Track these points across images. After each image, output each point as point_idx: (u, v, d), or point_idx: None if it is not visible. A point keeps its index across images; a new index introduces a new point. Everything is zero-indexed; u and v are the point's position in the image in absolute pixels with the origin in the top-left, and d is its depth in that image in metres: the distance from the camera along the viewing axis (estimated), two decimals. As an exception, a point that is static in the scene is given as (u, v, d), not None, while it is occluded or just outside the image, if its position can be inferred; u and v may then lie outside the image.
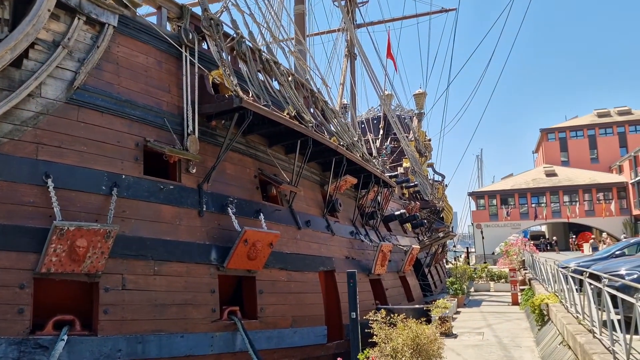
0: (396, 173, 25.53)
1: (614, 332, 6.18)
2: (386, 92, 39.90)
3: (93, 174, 8.26)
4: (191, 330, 9.35)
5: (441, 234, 21.39)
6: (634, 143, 57.94)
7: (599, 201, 56.42)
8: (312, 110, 15.09)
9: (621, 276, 7.75)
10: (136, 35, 9.47)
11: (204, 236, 9.96)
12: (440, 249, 28.63)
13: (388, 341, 6.59)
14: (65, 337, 7.42)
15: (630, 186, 54.05)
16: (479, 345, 12.17)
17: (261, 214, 11.30)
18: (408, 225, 25.20)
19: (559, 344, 9.97)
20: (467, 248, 54.21)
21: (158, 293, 8.97)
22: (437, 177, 47.40)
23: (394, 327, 7.16)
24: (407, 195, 27.62)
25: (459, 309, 19.17)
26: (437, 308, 15.65)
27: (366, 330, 8.91)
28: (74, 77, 8.19)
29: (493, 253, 52.19)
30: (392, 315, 8.83)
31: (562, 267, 11.65)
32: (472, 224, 61.93)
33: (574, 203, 57.54)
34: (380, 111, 45.55)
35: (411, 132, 41.16)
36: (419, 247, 19.60)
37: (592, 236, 38.87)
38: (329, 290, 13.60)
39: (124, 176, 8.82)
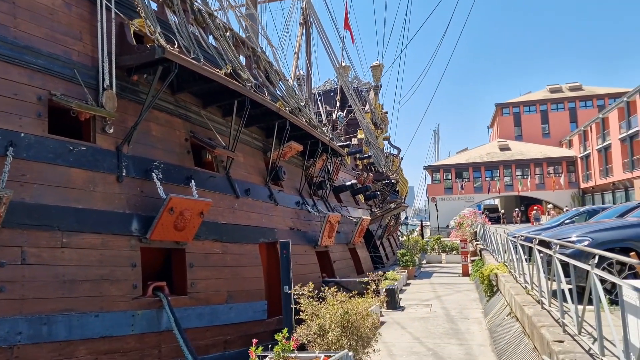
0: (348, 143, 24.73)
1: (564, 303, 5.59)
2: (343, 64, 38.95)
3: (-19, 131, 7.06)
4: (108, 309, 8.33)
5: (393, 205, 20.89)
6: (583, 118, 59.29)
7: (549, 175, 57.71)
8: (255, 72, 14.00)
9: (572, 243, 7.21)
10: (36, -31, 8.14)
11: (124, 204, 8.88)
12: (394, 221, 28.28)
13: (315, 318, 5.82)
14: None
15: (579, 160, 55.42)
16: (426, 318, 11.68)
17: (192, 181, 10.27)
18: (361, 197, 24.61)
19: (507, 316, 9.52)
20: (422, 221, 54.56)
21: (67, 268, 7.88)
22: (393, 151, 47.25)
23: (324, 302, 6.40)
24: (360, 167, 26.99)
25: (409, 281, 18.79)
26: (385, 280, 15.12)
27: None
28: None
29: (447, 226, 52.79)
30: (325, 289, 8.00)
31: (512, 237, 11.19)
32: (428, 197, 62.43)
33: (525, 177, 58.66)
34: (337, 83, 44.57)
35: (367, 104, 40.45)
36: (369, 218, 19.01)
37: (535, 207, 39.43)
38: (270, 263, 12.79)
39: (22, 134, 7.60)
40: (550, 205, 38.07)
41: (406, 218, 67.19)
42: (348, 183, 20.27)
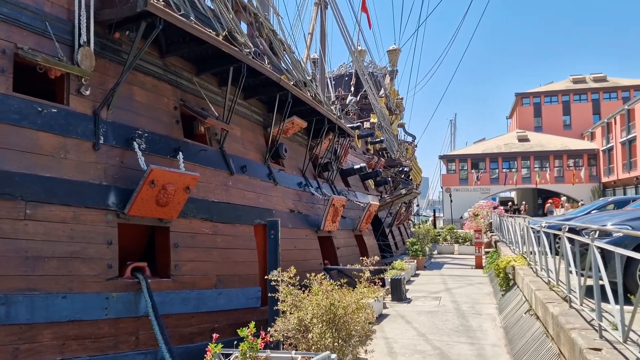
0: (358, 124, 23.64)
1: (603, 303, 4.53)
2: (359, 48, 37.72)
3: None
4: (78, 290, 7.47)
5: (403, 191, 19.78)
6: (607, 110, 57.16)
7: (569, 168, 55.90)
8: (257, 40, 12.96)
9: (607, 232, 6.13)
10: None
11: (100, 175, 7.98)
12: (405, 209, 27.19)
13: (295, 310, 4.85)
14: None
15: (601, 153, 53.54)
16: (434, 312, 10.67)
17: (180, 153, 9.34)
18: (371, 183, 23.55)
19: (525, 313, 8.47)
20: (434, 211, 53.25)
21: (31, 243, 7.00)
22: (408, 138, 46.00)
23: (308, 291, 5.45)
24: (372, 152, 25.88)
25: (418, 272, 17.76)
26: (392, 270, 14.13)
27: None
28: None
29: (461, 217, 51.43)
30: (310, 277, 7.02)
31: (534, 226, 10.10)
32: (442, 187, 61.03)
33: (544, 169, 56.92)
34: (352, 68, 43.29)
35: (382, 88, 39.20)
36: (378, 204, 17.97)
37: (549, 200, 37.81)
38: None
39: (-19, 91, 6.72)
40: (564, 198, 36.29)
41: (419, 208, 66.04)
42: (357, 166, 19.20)
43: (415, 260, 18.03)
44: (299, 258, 12.45)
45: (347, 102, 31.99)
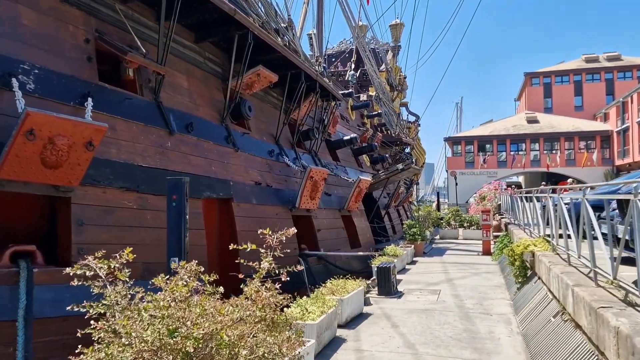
0: (350, 91, 21.11)
1: None
2: (360, 24, 35.15)
3: None
4: None
5: (400, 166, 17.29)
6: (621, 90, 54.08)
7: (580, 150, 53.07)
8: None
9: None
10: None
11: (-44, 122, 5.64)
12: (405, 190, 24.74)
13: (112, 343, 2.46)
14: None
15: (615, 135, 50.66)
16: (430, 311, 8.28)
17: (90, 100, 6.96)
18: (366, 159, 21.09)
19: (555, 316, 6.09)
20: (438, 193, 50.69)
21: None
22: (411, 118, 43.44)
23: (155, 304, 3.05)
24: (368, 126, 23.37)
25: (415, 258, 15.36)
26: (382, 256, 11.76)
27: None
28: None
29: (467, 202, 48.98)
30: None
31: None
32: (447, 171, 58.41)
33: (554, 152, 54.10)
34: (353, 44, 40.58)
35: (384, 64, 36.59)
36: (370, 180, 15.53)
37: (542, 183, 34.74)
38: (222, 226, 9.52)
39: None
40: (570, 180, 33.40)
41: (424, 194, 63.60)
42: (346, 137, 16.71)
43: (413, 246, 15.62)
44: (266, 242, 10.07)
45: (347, 79, 29.39)
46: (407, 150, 31.58)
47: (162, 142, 8.25)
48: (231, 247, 4.46)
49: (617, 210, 6.31)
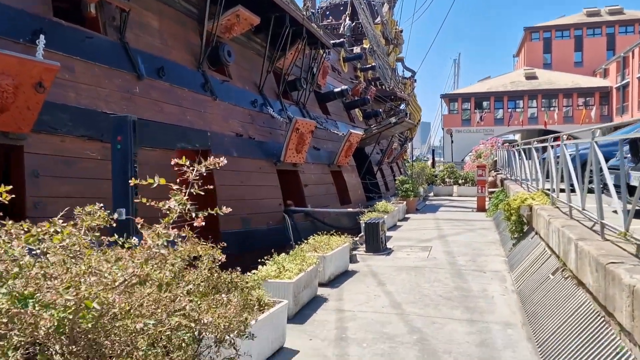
0: (342, 40, 20.13)
1: None
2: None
3: None
4: None
5: (393, 120, 16.55)
6: (622, 45, 52.66)
7: (578, 107, 52.23)
8: None
9: None
10: None
11: None
12: (399, 146, 24.07)
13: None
14: None
15: (614, 91, 49.74)
16: (420, 268, 7.80)
17: (42, 37, 6.24)
18: (358, 114, 20.35)
19: (554, 273, 5.58)
20: (433, 151, 50.03)
21: None
22: (406, 74, 42.31)
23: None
24: (362, 79, 22.45)
25: (408, 215, 14.87)
26: (372, 212, 11.24)
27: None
28: None
29: (462, 160, 48.45)
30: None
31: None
32: (443, 129, 57.60)
33: (552, 109, 53.26)
34: (348, -4, 38.94)
35: (379, 17, 35.19)
36: (360, 133, 14.84)
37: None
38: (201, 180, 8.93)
39: None
40: (564, 136, 32.58)
41: (420, 154, 62.96)
42: (337, 89, 15.92)
43: (405, 202, 15.10)
44: (247, 196, 9.52)
45: (341, 30, 28.14)
46: (403, 106, 30.73)
47: (128, 87, 7.54)
48: (131, 182, 3.50)
49: (628, 158, 5.72)
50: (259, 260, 6.12)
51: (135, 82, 7.65)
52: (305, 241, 7.47)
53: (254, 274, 5.53)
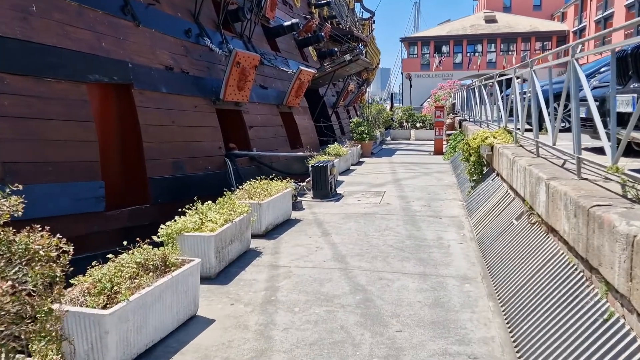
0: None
1: None
2: None
3: None
4: None
5: (348, 57, 15.44)
6: (581, -12, 52.30)
7: (536, 51, 51.98)
8: None
9: None
10: None
11: None
12: (355, 87, 23.03)
13: None
14: None
15: (571, 35, 49.64)
16: (370, 215, 7.06)
17: None
18: (312, 53, 19.10)
19: (518, 218, 4.90)
20: (392, 95, 49.19)
21: None
22: (365, 15, 40.66)
23: None
24: (317, 16, 21.01)
25: (362, 159, 14.10)
26: (323, 156, 10.38)
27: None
28: None
29: (421, 105, 47.90)
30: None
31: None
32: (402, 73, 56.60)
33: (510, 53, 52.90)
34: None
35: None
36: (312, 72, 13.73)
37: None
38: (123, 119, 7.75)
39: None
40: (518, 80, 32.39)
41: (380, 100, 61.89)
42: (287, 23, 14.62)
43: (360, 145, 14.28)
44: (179, 138, 8.43)
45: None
46: (361, 47, 29.43)
47: (23, 6, 6.22)
48: None
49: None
50: (179, 209, 5.19)
51: (29, 1, 6.32)
52: (240, 187, 6.56)
53: (167, 226, 4.60)
